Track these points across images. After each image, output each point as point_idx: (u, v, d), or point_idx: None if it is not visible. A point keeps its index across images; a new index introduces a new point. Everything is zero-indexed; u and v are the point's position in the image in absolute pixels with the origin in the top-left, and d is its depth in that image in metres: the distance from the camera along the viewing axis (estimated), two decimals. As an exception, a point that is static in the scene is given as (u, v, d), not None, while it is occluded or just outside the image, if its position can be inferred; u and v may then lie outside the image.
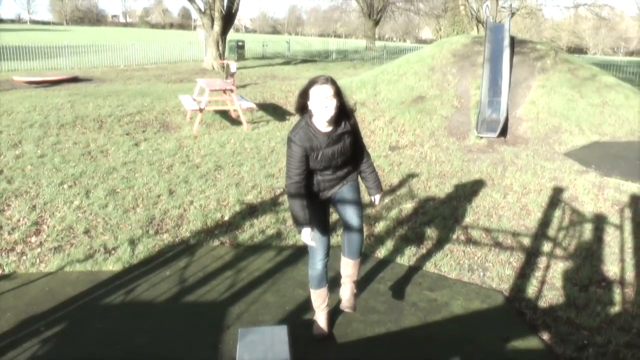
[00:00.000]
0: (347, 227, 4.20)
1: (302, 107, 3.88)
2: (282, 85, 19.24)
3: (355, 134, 4.02)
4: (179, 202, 7.21)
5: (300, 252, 5.83)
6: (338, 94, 3.75)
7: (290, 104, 15.32)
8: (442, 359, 4.13)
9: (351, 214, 4.15)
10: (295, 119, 13.03)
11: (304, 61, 35.33)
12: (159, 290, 4.97)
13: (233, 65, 14.15)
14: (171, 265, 5.50)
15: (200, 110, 11.64)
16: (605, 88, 14.05)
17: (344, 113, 3.88)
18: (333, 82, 3.75)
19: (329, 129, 3.83)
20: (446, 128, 12.14)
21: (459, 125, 12.27)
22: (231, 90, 12.41)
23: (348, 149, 3.95)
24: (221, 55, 27.58)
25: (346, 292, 4.35)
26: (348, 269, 4.32)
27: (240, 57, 34.07)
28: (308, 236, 3.91)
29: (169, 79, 22.03)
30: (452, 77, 14.25)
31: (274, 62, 33.52)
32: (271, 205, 7.24)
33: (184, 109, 13.38)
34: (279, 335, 3.55)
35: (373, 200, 4.44)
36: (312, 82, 3.76)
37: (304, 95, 3.81)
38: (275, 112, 14.27)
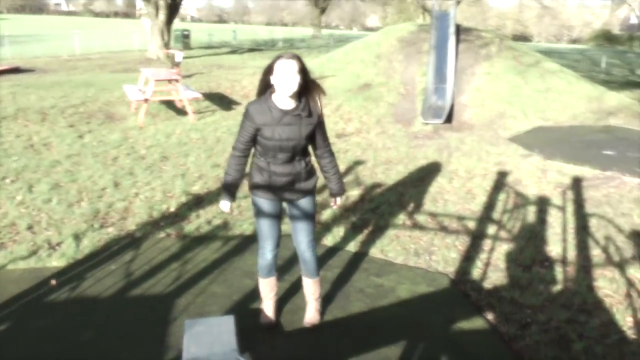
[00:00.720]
0: (299, 249, 4.20)
1: (265, 86, 3.82)
2: (228, 74, 19.08)
3: (316, 125, 3.91)
4: (125, 195, 7.10)
5: (247, 242, 5.81)
6: (303, 71, 3.70)
7: (236, 93, 15.23)
8: (389, 343, 4.14)
9: (302, 237, 4.15)
10: (242, 109, 12.96)
11: (251, 50, 35.13)
12: (104, 284, 4.87)
13: (178, 55, 13.97)
14: (117, 258, 5.40)
15: (145, 100, 11.47)
16: (549, 74, 14.35)
17: (307, 95, 3.83)
18: (299, 59, 3.70)
19: (288, 107, 3.76)
20: (392, 115, 12.23)
21: (405, 112, 12.36)
22: (176, 80, 12.25)
23: (303, 135, 3.82)
24: (166, 45, 27.23)
25: (310, 310, 4.38)
26: (309, 287, 4.33)
27: (186, 46, 33.69)
28: (226, 208, 4.06)
29: (114, 69, 21.68)
30: (398, 65, 14.33)
31: (220, 51, 33.25)
32: (217, 195, 7.17)
33: (128, 100, 13.18)
34: (226, 326, 3.51)
35: (334, 201, 4.33)
36: (277, 57, 3.71)
37: (268, 71, 3.75)
38: (222, 101, 14.17)
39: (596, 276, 5.31)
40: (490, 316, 4.56)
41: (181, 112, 12.52)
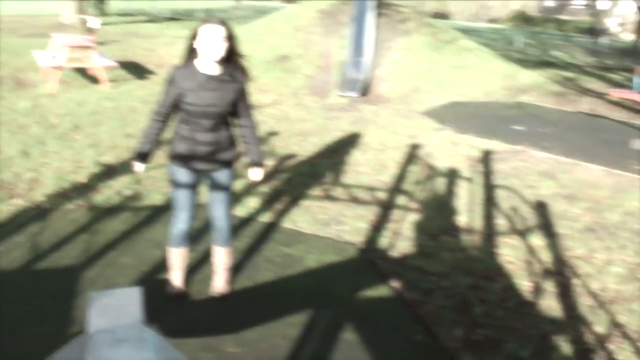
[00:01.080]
0: (214, 219, 4.16)
1: (191, 51, 3.74)
2: (145, 43, 18.60)
3: (241, 93, 3.87)
4: (33, 165, 6.82)
5: (157, 212, 5.71)
6: (230, 38, 3.65)
7: (152, 63, 14.90)
8: (296, 312, 4.16)
9: (219, 207, 4.11)
10: (157, 78, 12.71)
11: (169, 19, 34.35)
12: (10, 257, 4.67)
13: (94, 21, 13.52)
14: (24, 231, 5.17)
15: (58, 67, 11.09)
16: (465, 52, 14.64)
17: (233, 62, 3.79)
18: (226, 25, 3.64)
19: (213, 72, 3.70)
20: (309, 87, 12.23)
21: (322, 84, 12.38)
22: (91, 47, 11.88)
23: (227, 101, 3.78)
24: (81, 10, 26.34)
25: (219, 280, 4.33)
26: (220, 257, 4.28)
27: (102, 12, 32.66)
28: (139, 169, 4.04)
29: (25, 33, 20.77)
30: (316, 37, 14.31)
31: (137, 19, 32.35)
32: (129, 165, 6.94)
33: (39, 66, 12.71)
34: (133, 297, 3.42)
35: (254, 172, 4.27)
36: (203, 22, 3.65)
37: (193, 36, 3.67)
38: (137, 70, 13.84)
39: (500, 244, 5.49)
40: (396, 284, 4.64)
41: (95, 80, 12.15)
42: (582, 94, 13.55)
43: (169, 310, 4.07)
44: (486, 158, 8.21)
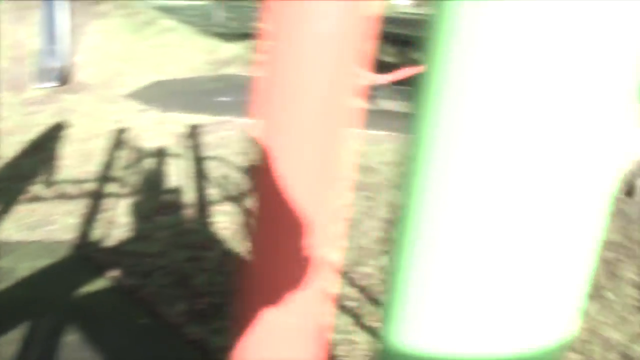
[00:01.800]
0: None
1: None
2: None
3: None
4: None
5: None
6: None
7: None
8: (11, 327, 3.95)
9: None
10: None
11: None
12: None
13: None
14: None
15: None
16: (166, 31, 14.72)
17: None
18: None
19: None
20: (3, 82, 11.42)
21: (17, 77, 11.65)
22: None
23: None
24: None
25: None
26: None
27: None
28: None
29: None
30: (6, 25, 13.36)
31: None
32: None
33: None
34: None
35: None
36: None
37: None
38: None
39: (214, 213, 5.69)
40: (113, 273, 4.62)
41: None
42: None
43: None
44: (193, 133, 8.36)
